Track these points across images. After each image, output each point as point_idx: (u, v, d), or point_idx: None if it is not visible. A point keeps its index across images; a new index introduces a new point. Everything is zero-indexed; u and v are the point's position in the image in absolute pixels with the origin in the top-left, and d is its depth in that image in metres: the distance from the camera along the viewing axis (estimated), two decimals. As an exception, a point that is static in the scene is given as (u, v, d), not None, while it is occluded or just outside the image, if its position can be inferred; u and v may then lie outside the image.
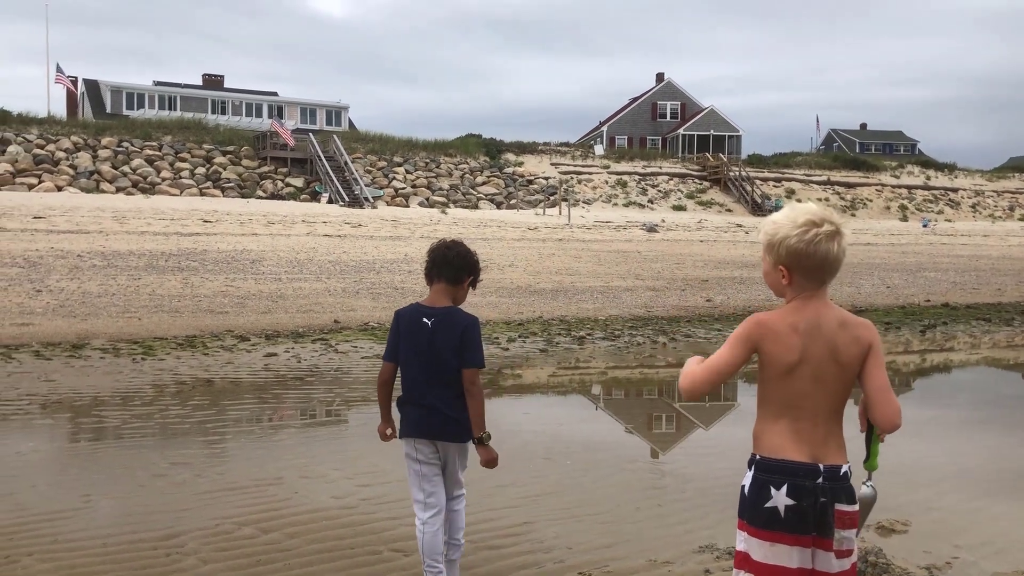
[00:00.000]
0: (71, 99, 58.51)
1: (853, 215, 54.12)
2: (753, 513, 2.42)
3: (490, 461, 3.56)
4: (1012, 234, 49.20)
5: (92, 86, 61.75)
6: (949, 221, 56.03)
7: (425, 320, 3.53)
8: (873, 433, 2.51)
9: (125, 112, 57.50)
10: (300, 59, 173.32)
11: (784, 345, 2.42)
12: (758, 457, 2.47)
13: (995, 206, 61.65)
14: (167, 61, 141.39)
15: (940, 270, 24.75)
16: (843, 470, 2.44)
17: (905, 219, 55.82)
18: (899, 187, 61.12)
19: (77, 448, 6.25)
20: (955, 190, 62.76)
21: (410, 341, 3.54)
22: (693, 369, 2.52)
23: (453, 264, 3.58)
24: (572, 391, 8.99)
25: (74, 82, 56.86)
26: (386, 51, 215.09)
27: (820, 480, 2.39)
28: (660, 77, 75.25)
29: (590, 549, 4.28)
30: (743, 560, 2.45)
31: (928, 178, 63.86)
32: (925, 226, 51.37)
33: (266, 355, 9.82)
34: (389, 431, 3.71)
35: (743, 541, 2.45)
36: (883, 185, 60.83)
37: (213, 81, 68.21)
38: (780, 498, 2.38)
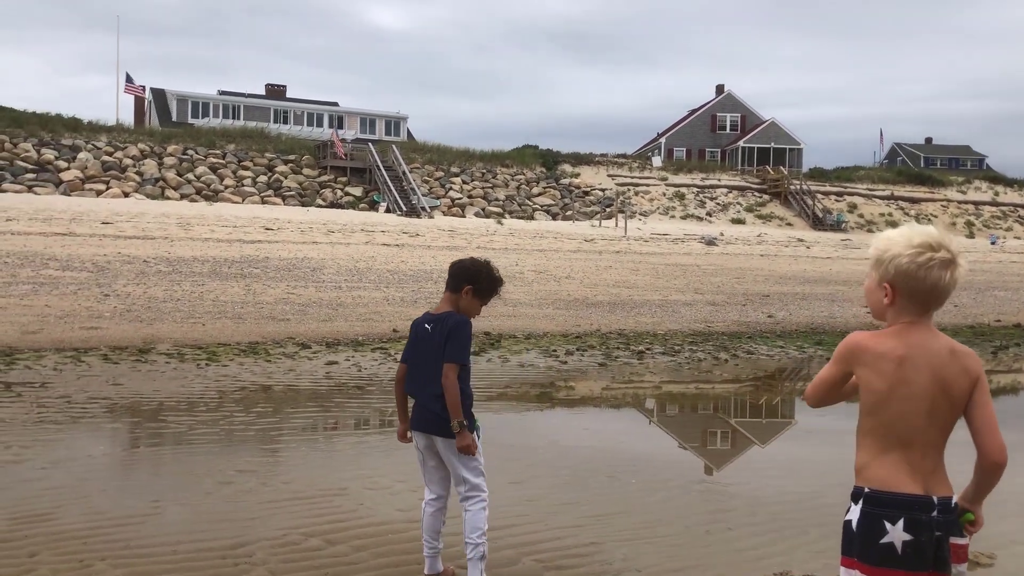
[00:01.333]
0: (139, 107, 60.02)
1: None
2: (866, 550, 2.30)
3: (464, 448, 3.81)
4: (1085, 253, 47.56)
5: (159, 95, 63.32)
6: (1019, 239, 54.41)
7: (426, 325, 3.95)
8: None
9: (190, 120, 58.86)
10: (361, 70, 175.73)
11: (875, 371, 2.32)
12: (867, 490, 2.34)
13: (1067, 223, 59.70)
14: (232, 71, 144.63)
15: (1010, 289, 24.00)
16: (954, 501, 2.33)
17: (972, 236, 54.33)
18: (966, 203, 59.56)
19: (145, 453, 6.33)
20: (1025, 206, 60.94)
21: (413, 343, 3.98)
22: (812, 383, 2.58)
23: (451, 274, 4.00)
24: (633, 407, 8.88)
25: (142, 90, 58.36)
26: (445, 63, 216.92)
27: (935, 513, 2.28)
28: (720, 89, 74.52)
29: (660, 573, 4.18)
30: None
31: (996, 194, 62.09)
32: (993, 243, 49.94)
33: (327, 363, 9.90)
34: (410, 434, 4.04)
35: None
36: (949, 201, 59.33)
37: (276, 91, 69.43)
38: (897, 533, 2.27)
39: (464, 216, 44.66)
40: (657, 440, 7.46)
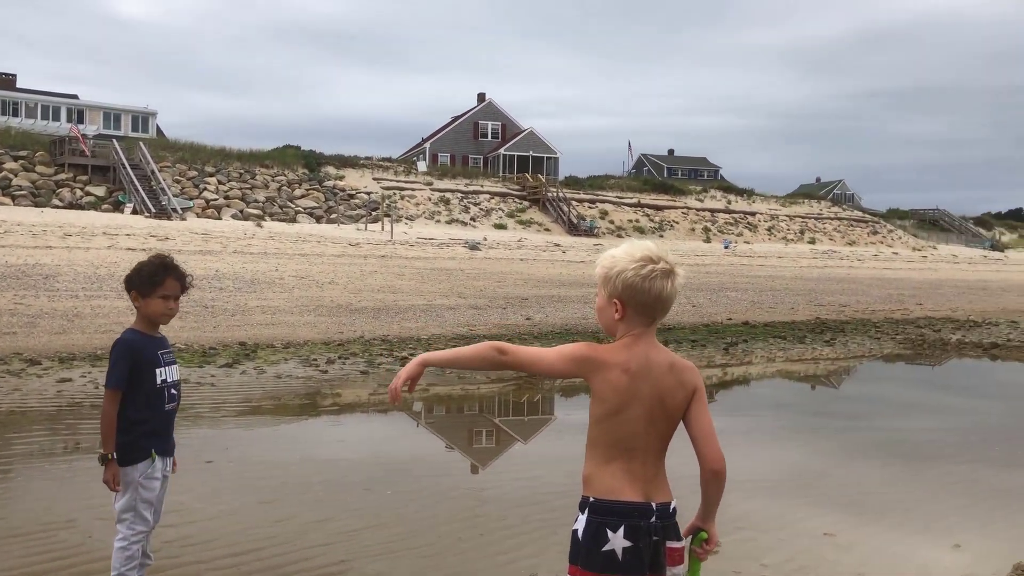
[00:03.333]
0: None
1: (661, 236, 56.86)
2: (589, 558, 2.37)
3: (105, 481, 3.60)
4: (803, 256, 53.35)
5: None
6: (748, 243, 59.96)
7: None
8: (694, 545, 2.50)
9: None
10: (103, 61, 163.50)
11: (611, 384, 2.40)
12: (592, 500, 2.41)
13: (788, 229, 66.62)
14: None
15: (740, 290, 26.32)
16: (672, 506, 2.45)
17: (708, 241, 59.23)
18: (703, 210, 64.87)
19: None
20: (753, 214, 67.35)
21: None
22: (510, 347, 2.51)
23: None
24: (393, 414, 8.82)
25: None
26: (198, 57, 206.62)
27: (653, 519, 2.39)
28: (482, 97, 76.27)
29: (412, 586, 4.14)
30: None
31: (729, 202, 68.18)
32: (727, 247, 54.69)
33: (60, 380, 9.07)
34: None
35: None
36: (689, 208, 64.37)
37: (4, 80, 63.00)
38: (617, 540, 2.35)
39: (220, 218, 42.66)
40: (417, 447, 7.44)
